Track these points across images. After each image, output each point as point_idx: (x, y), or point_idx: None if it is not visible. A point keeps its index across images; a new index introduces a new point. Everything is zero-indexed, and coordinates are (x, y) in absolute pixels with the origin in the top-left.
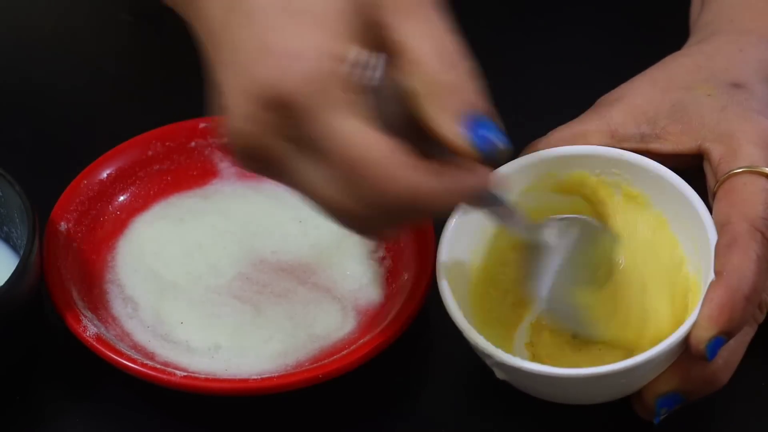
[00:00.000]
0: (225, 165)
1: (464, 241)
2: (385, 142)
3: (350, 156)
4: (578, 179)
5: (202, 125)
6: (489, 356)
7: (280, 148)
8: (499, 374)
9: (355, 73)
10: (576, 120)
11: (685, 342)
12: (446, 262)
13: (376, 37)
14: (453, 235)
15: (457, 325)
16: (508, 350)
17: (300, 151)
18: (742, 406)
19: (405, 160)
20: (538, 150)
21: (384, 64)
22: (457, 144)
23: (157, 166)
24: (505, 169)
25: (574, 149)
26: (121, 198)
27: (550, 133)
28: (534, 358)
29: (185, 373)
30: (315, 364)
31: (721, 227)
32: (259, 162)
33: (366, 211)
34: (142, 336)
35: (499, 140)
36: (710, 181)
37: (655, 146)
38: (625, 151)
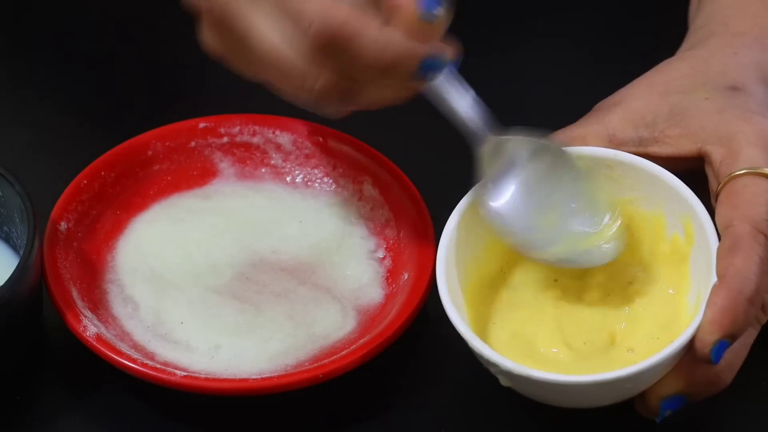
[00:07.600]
0: (225, 165)
1: (464, 241)
2: None
3: None
4: None
5: (202, 125)
6: (494, 364)
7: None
8: (504, 381)
9: None
10: (574, 124)
11: (689, 345)
12: (446, 262)
13: None
14: (453, 235)
15: (459, 332)
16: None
17: (254, 4)
18: (743, 406)
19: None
20: None
21: None
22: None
23: (157, 166)
24: None
25: (571, 150)
26: (121, 198)
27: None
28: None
29: (185, 373)
30: (315, 364)
31: (723, 230)
32: (219, 22)
33: (308, 60)
34: (142, 336)
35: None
36: (712, 184)
37: (654, 150)
38: (622, 152)
